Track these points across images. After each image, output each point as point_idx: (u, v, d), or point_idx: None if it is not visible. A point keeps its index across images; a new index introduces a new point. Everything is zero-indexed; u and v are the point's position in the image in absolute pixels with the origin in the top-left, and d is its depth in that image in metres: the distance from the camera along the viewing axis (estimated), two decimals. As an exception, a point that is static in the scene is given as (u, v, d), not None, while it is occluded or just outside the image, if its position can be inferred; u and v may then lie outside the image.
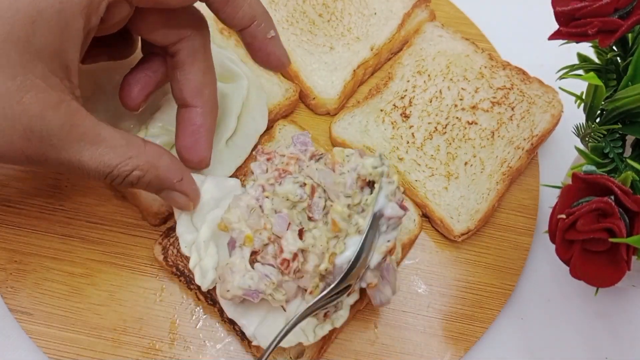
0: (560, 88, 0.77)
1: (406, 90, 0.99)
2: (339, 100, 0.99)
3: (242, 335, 0.77)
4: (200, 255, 0.79)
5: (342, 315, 0.76)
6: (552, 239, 0.64)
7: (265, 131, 0.97)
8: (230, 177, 0.89)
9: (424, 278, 0.90)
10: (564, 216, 0.62)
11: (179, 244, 0.81)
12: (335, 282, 0.72)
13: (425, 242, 0.92)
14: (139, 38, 0.84)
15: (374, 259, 0.73)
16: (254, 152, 0.90)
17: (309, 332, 0.75)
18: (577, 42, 0.67)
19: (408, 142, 0.95)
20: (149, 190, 0.75)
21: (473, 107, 0.97)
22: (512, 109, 0.97)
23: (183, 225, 0.81)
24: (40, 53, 0.61)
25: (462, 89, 0.98)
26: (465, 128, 0.95)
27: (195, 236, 0.80)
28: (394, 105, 0.98)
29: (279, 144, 0.94)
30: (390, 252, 0.74)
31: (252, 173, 0.80)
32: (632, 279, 0.77)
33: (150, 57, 0.81)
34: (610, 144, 0.69)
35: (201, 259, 0.79)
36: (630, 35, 0.70)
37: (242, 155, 0.92)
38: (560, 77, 0.73)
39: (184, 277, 0.85)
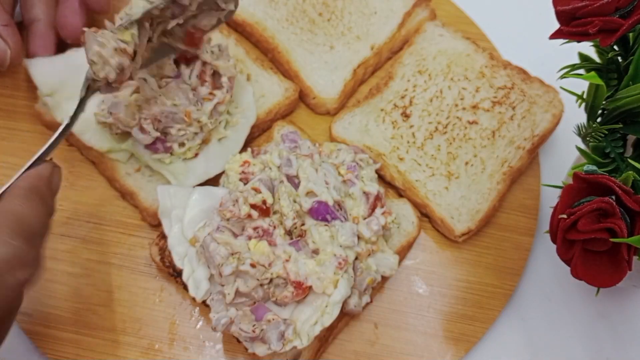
0: (561, 87, 0.76)
1: (407, 89, 0.99)
2: (339, 99, 0.98)
3: (239, 337, 0.77)
4: (193, 267, 0.79)
5: (330, 312, 0.76)
6: (553, 239, 0.64)
7: (263, 132, 0.97)
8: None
9: (425, 278, 0.89)
10: (564, 216, 0.62)
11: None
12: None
13: (425, 242, 0.92)
14: None
15: None
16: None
17: (302, 335, 0.75)
18: (578, 42, 0.67)
19: (408, 142, 0.94)
20: None
21: (474, 107, 0.97)
22: (513, 108, 0.97)
23: (174, 238, 0.81)
24: None
25: (463, 88, 0.98)
26: (466, 128, 0.95)
27: (186, 248, 0.80)
28: (395, 104, 0.97)
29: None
30: None
31: None
32: (633, 279, 0.76)
33: None
34: (611, 143, 0.69)
35: (194, 270, 0.79)
36: (631, 34, 0.70)
37: (236, 148, 0.92)
38: (561, 77, 0.73)
39: (181, 278, 0.85)
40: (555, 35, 0.68)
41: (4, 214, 0.65)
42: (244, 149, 0.91)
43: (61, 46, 0.96)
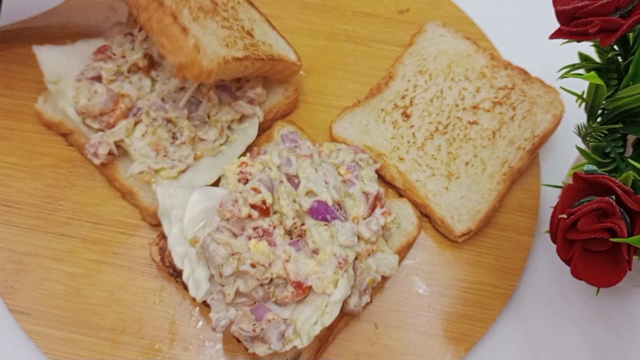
0: (561, 87, 0.76)
1: (407, 89, 0.99)
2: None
3: (239, 337, 0.77)
4: (193, 267, 0.79)
5: (330, 312, 0.76)
6: (553, 239, 0.64)
7: (263, 132, 0.97)
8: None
9: (425, 278, 0.89)
10: (564, 216, 0.62)
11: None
12: None
13: (425, 242, 0.92)
14: None
15: None
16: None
17: (302, 334, 0.74)
18: (578, 42, 0.67)
19: (409, 142, 0.94)
20: None
21: (474, 107, 0.97)
22: (514, 109, 0.96)
23: (174, 238, 0.81)
24: None
25: (464, 88, 0.98)
26: (467, 128, 0.95)
27: (187, 248, 0.80)
28: (395, 104, 0.97)
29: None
30: None
31: None
32: (633, 279, 0.76)
33: None
34: (612, 143, 0.69)
35: (194, 270, 0.79)
36: (631, 34, 0.70)
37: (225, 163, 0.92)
38: (562, 77, 0.73)
39: (181, 279, 0.85)
40: (555, 35, 0.67)
41: None
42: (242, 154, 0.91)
43: (73, 36, 0.96)
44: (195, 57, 0.77)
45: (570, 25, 0.65)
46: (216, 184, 0.88)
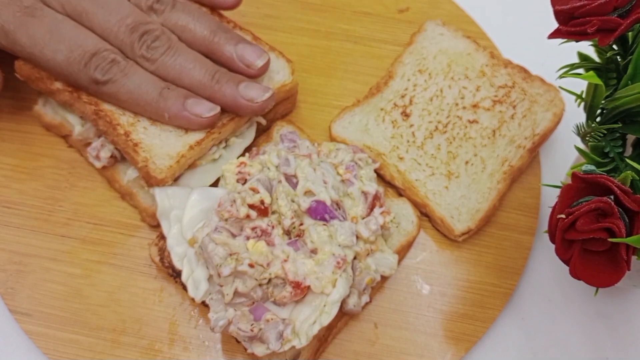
0: (560, 87, 0.76)
1: (407, 89, 0.98)
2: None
3: (238, 337, 0.77)
4: (192, 268, 0.79)
5: (328, 312, 0.76)
6: (552, 239, 0.64)
7: (263, 132, 0.97)
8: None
9: (425, 278, 0.89)
10: (563, 216, 0.62)
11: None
12: None
13: (425, 241, 0.92)
14: None
15: None
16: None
17: (301, 334, 0.74)
18: (576, 41, 0.67)
19: (408, 141, 0.94)
20: None
21: (474, 106, 0.96)
22: (514, 107, 0.96)
23: (173, 238, 0.81)
24: None
25: (463, 87, 0.98)
26: (466, 127, 0.95)
27: (185, 248, 0.80)
28: (395, 104, 0.97)
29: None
30: None
31: None
32: (632, 279, 0.76)
33: None
34: (611, 143, 0.68)
35: (193, 271, 0.79)
36: (630, 34, 0.69)
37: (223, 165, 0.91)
38: (560, 76, 0.73)
39: (180, 279, 0.85)
40: (553, 35, 0.67)
41: None
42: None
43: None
44: (148, 171, 0.82)
45: (569, 25, 0.65)
46: (214, 184, 0.88)
